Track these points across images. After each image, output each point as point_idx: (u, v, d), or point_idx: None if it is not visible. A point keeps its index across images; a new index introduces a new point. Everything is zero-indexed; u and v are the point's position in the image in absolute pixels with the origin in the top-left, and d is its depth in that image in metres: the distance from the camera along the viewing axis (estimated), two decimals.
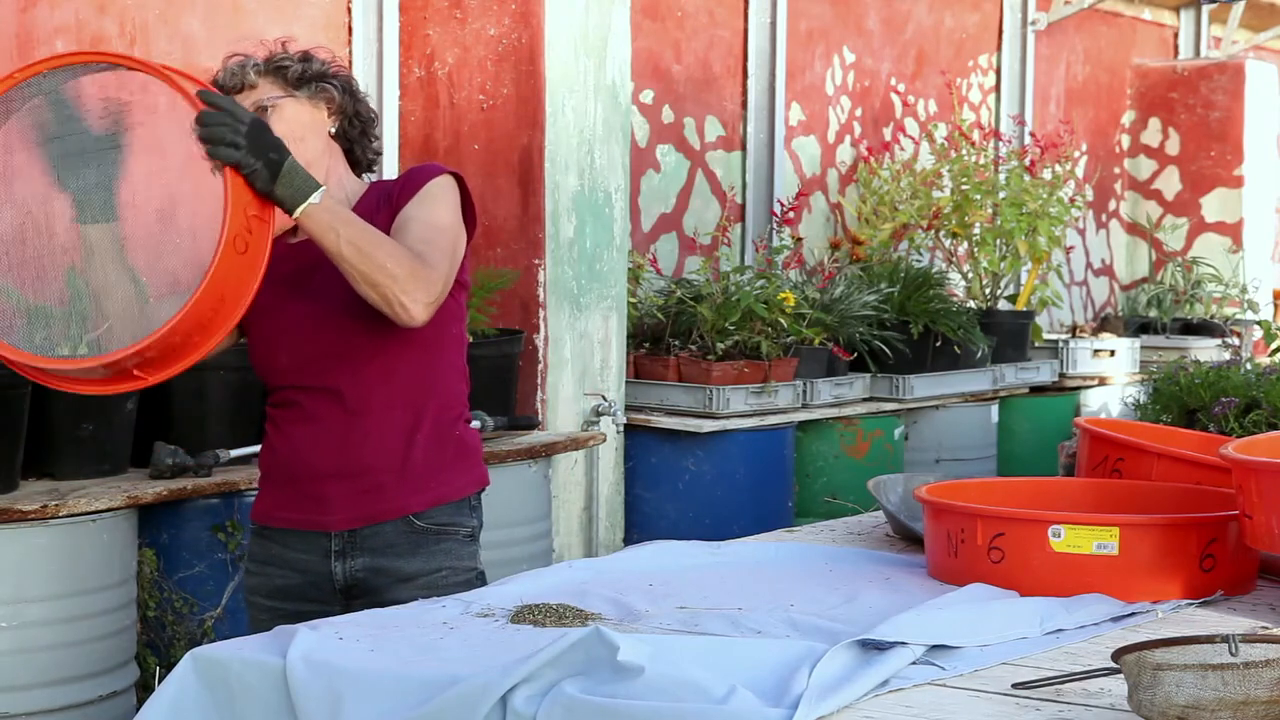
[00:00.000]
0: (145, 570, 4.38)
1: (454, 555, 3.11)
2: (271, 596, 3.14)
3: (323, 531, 3.09)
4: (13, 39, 4.78)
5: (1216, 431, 4.34)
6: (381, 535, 3.08)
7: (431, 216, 3.00)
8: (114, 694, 4.19)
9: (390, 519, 3.07)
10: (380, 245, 2.86)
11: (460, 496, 3.14)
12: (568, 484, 5.79)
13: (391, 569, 3.07)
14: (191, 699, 2.48)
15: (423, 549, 3.08)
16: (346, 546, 3.08)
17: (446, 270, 2.95)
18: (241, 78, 3.06)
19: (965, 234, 7.72)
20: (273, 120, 2.98)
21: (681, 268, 7.11)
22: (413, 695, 2.30)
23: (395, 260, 2.85)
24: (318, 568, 3.10)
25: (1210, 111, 10.07)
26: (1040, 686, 2.29)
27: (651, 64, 7.02)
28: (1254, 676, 2.02)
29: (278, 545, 3.14)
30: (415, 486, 3.08)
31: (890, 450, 6.59)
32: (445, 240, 2.98)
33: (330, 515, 3.08)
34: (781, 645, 2.40)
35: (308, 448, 3.08)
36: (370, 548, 3.08)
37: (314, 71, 3.10)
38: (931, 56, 8.65)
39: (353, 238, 2.84)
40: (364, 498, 3.06)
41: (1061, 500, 3.18)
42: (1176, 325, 9.38)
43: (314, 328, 3.05)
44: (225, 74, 3.09)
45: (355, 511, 3.07)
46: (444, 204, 3.04)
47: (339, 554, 3.08)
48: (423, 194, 3.04)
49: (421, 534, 3.09)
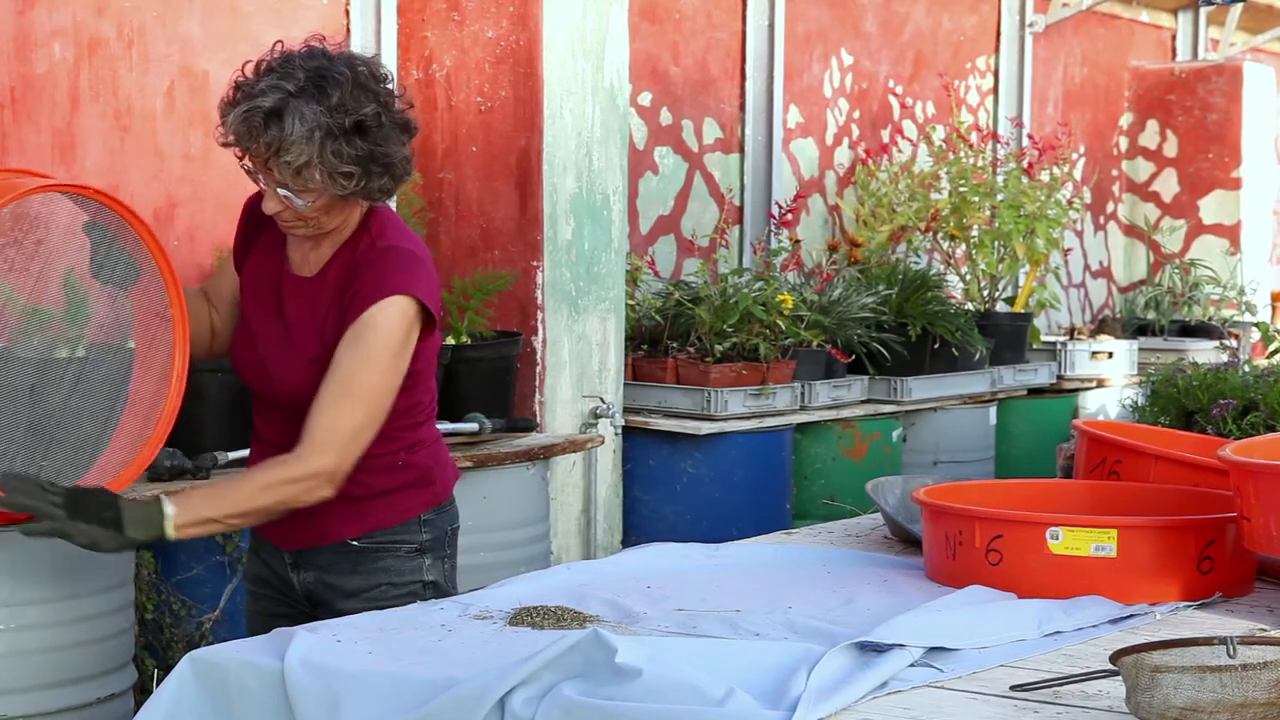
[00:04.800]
0: (143, 573, 4.38)
1: (394, 571, 3.12)
2: (257, 583, 3.27)
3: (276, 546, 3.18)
4: (10, 41, 4.78)
5: (1214, 433, 4.33)
6: (322, 555, 3.13)
7: (353, 369, 2.93)
8: (112, 696, 4.19)
9: (327, 543, 3.11)
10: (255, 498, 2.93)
11: (401, 521, 3.13)
12: (566, 486, 5.79)
13: (336, 584, 3.12)
14: (190, 701, 2.48)
15: (361, 567, 3.11)
16: (298, 559, 3.16)
17: (353, 432, 2.93)
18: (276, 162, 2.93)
19: (963, 236, 7.72)
20: (288, 201, 2.95)
21: (679, 270, 7.11)
22: (411, 697, 2.30)
23: (273, 496, 2.93)
24: (282, 572, 3.19)
25: (1208, 113, 10.07)
26: (1039, 688, 2.29)
27: (649, 66, 7.02)
28: (1252, 678, 2.03)
29: (257, 542, 3.26)
30: (352, 515, 3.09)
31: (888, 452, 6.59)
32: (359, 398, 2.93)
33: (278, 534, 3.15)
34: (780, 647, 2.40)
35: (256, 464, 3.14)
36: (315, 565, 3.14)
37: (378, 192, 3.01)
38: (929, 59, 8.65)
39: (228, 517, 2.94)
40: (302, 523, 3.07)
41: (1060, 502, 3.18)
42: (1174, 327, 9.38)
43: (279, 352, 3.08)
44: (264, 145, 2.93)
45: (295, 535, 3.12)
46: (377, 347, 2.94)
47: (293, 566, 3.16)
48: (361, 331, 2.94)
49: (359, 553, 3.11)
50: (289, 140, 2.87)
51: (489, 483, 4.93)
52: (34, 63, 4.83)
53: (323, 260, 3.07)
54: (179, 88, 5.22)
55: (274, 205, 2.97)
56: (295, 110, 2.88)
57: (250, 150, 2.93)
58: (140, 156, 5.12)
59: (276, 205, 2.96)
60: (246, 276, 3.16)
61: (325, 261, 3.06)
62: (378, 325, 2.94)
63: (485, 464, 4.90)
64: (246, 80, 2.95)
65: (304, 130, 2.87)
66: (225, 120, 2.95)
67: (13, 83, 4.79)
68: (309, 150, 2.88)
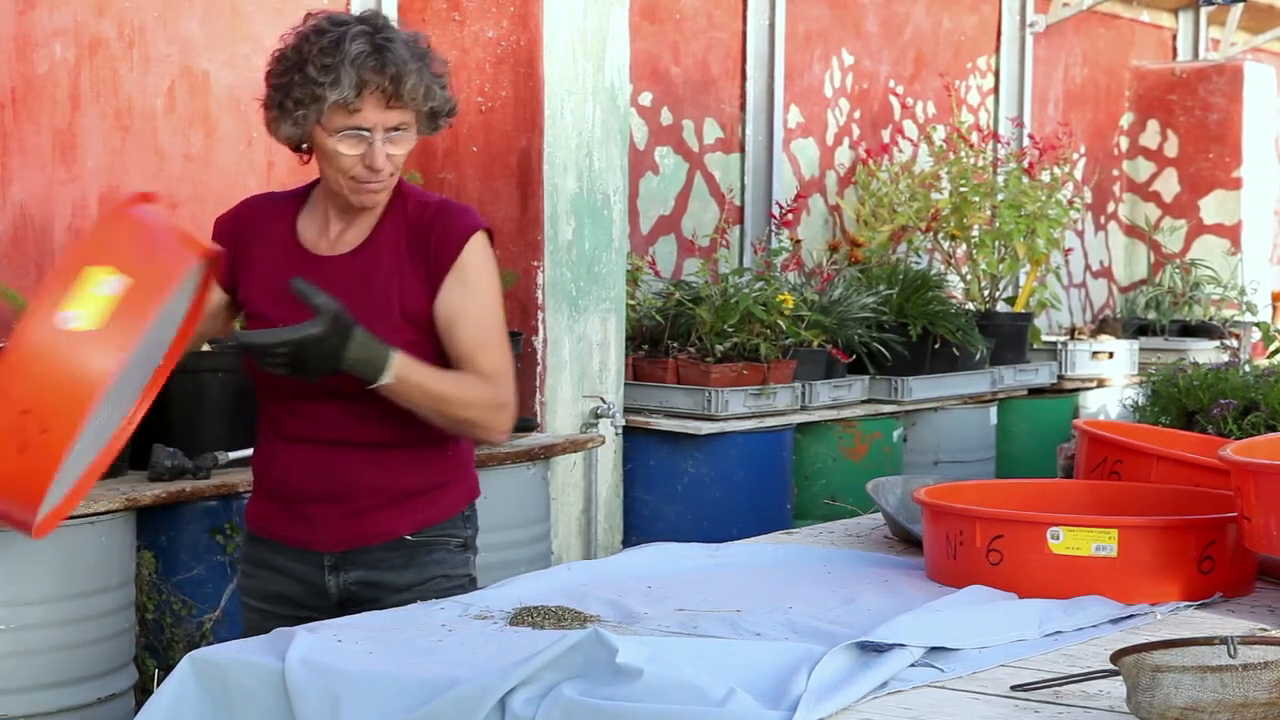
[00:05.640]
0: (144, 573, 4.38)
1: (446, 564, 3.11)
2: (266, 600, 3.13)
3: (313, 550, 3.08)
4: (11, 41, 4.78)
5: (1215, 433, 4.33)
6: (372, 553, 3.07)
7: (482, 312, 3.02)
8: (113, 696, 4.19)
9: (380, 541, 3.07)
10: (454, 397, 2.94)
11: (449, 516, 3.12)
12: (566, 486, 5.79)
13: (385, 582, 3.06)
14: (190, 701, 2.48)
15: (414, 562, 3.08)
16: (339, 562, 3.07)
17: (509, 369, 3.03)
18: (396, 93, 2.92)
19: (964, 236, 7.72)
20: (397, 141, 2.95)
21: (680, 270, 7.11)
22: (411, 697, 2.30)
23: (470, 406, 2.96)
24: (312, 578, 3.09)
25: (1209, 113, 10.07)
26: (1039, 688, 2.29)
27: (650, 66, 7.02)
28: (1252, 678, 2.03)
29: (271, 553, 3.13)
30: (406, 510, 3.07)
31: (889, 452, 6.59)
32: (499, 338, 3.03)
33: (318, 536, 3.07)
34: (780, 647, 2.40)
35: (296, 468, 3.06)
36: (362, 563, 3.07)
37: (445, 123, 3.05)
38: (930, 59, 8.65)
39: (438, 399, 2.92)
40: (351, 521, 3.05)
41: (1060, 502, 3.18)
42: (1175, 327, 9.38)
43: None
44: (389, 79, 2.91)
45: (342, 534, 3.06)
46: (488, 285, 3.05)
47: (332, 568, 3.08)
48: (466, 273, 3.01)
49: (413, 548, 3.08)
50: (406, 68, 2.90)
51: (490, 483, 4.88)
52: (35, 63, 4.84)
53: (363, 234, 3.04)
54: (179, 88, 5.22)
55: (382, 159, 2.93)
56: (390, 41, 2.91)
57: (378, 89, 2.88)
58: (140, 156, 5.12)
59: (383, 160, 2.93)
60: (253, 283, 3.08)
61: (368, 233, 3.04)
62: (476, 263, 3.02)
63: (486, 464, 4.89)
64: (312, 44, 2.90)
65: (407, 54, 2.91)
66: (326, 83, 2.87)
67: (13, 83, 4.79)
68: (417, 70, 2.92)
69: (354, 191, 2.98)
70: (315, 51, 2.89)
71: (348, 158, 2.93)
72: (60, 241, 4.90)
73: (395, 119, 2.92)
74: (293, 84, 2.91)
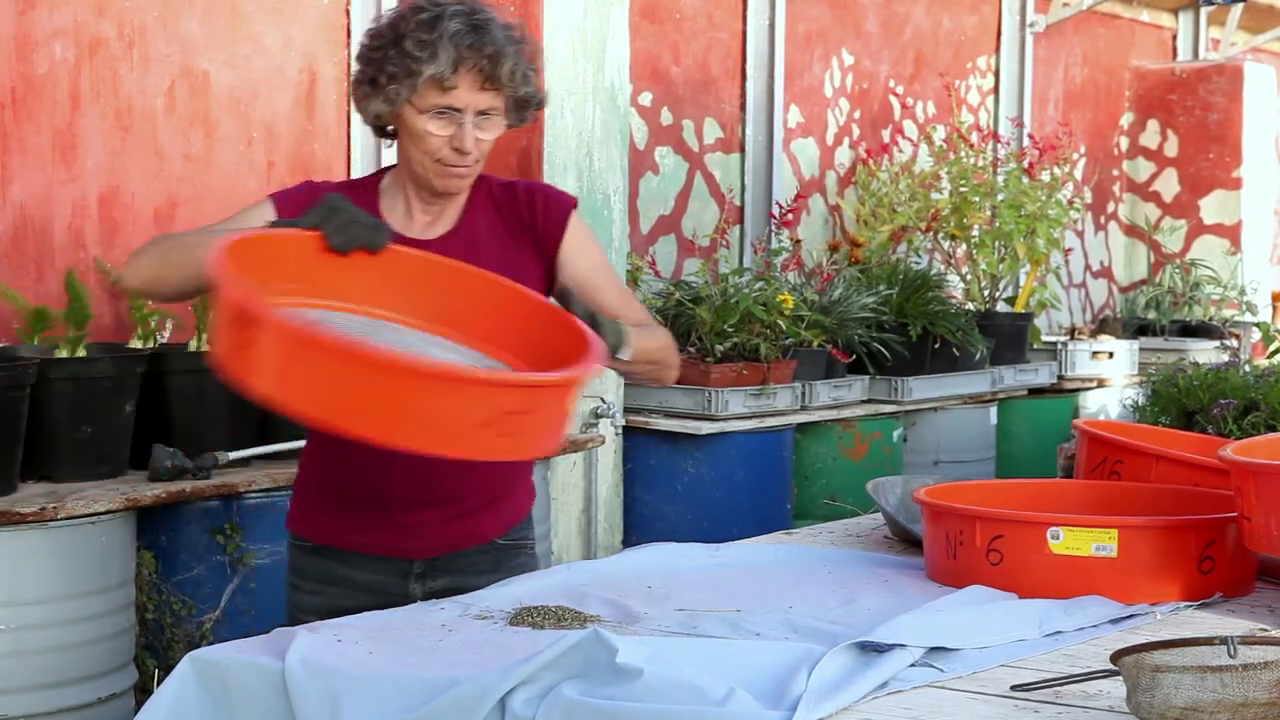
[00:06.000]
0: (144, 573, 4.38)
1: (527, 567, 3.11)
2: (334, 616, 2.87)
3: (403, 558, 3.02)
4: (11, 41, 4.78)
5: (1215, 433, 4.33)
6: (466, 556, 3.05)
7: (609, 270, 3.08)
8: (113, 696, 4.19)
9: (477, 544, 3.05)
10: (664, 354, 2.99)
11: (527, 513, 3.14)
12: (566, 486, 5.78)
13: (471, 586, 2.99)
14: (190, 701, 2.48)
15: (502, 565, 3.07)
16: (428, 569, 3.03)
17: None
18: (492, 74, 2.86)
19: (964, 236, 7.72)
20: (485, 126, 2.90)
21: (680, 270, 7.11)
22: (411, 697, 2.30)
23: (669, 348, 3.01)
24: (393, 589, 3.01)
25: (1209, 113, 10.07)
26: (1039, 688, 2.29)
27: (650, 66, 7.02)
28: (1252, 679, 2.02)
29: (344, 566, 3.03)
30: (496, 513, 3.07)
31: (889, 452, 6.59)
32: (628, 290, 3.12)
33: (417, 543, 3.01)
34: (780, 647, 2.40)
35: (397, 473, 2.94)
36: (453, 569, 3.04)
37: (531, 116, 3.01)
38: (930, 59, 8.65)
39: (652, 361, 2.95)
40: (452, 525, 3.01)
41: (1060, 502, 3.18)
42: (1175, 327, 9.38)
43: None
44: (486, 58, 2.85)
45: (442, 539, 3.02)
46: (599, 247, 3.12)
47: (419, 576, 3.03)
48: (582, 241, 3.05)
49: (501, 551, 3.08)
50: (504, 50, 2.86)
51: None
52: (35, 63, 4.84)
53: (453, 219, 3.01)
54: (179, 88, 5.22)
55: (471, 142, 2.88)
56: (487, 21, 2.87)
57: (475, 68, 2.83)
58: (141, 156, 5.12)
59: (472, 143, 2.88)
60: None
61: (459, 215, 3.01)
62: (583, 230, 3.07)
63: None
64: (409, 20, 2.85)
65: (503, 37, 2.87)
66: (423, 58, 2.82)
67: (13, 83, 4.79)
68: (514, 54, 2.88)
69: (438, 175, 2.92)
70: (412, 27, 2.83)
71: (436, 138, 2.88)
72: (60, 241, 4.90)
73: (487, 102, 2.87)
74: (387, 59, 2.85)
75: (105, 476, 4.40)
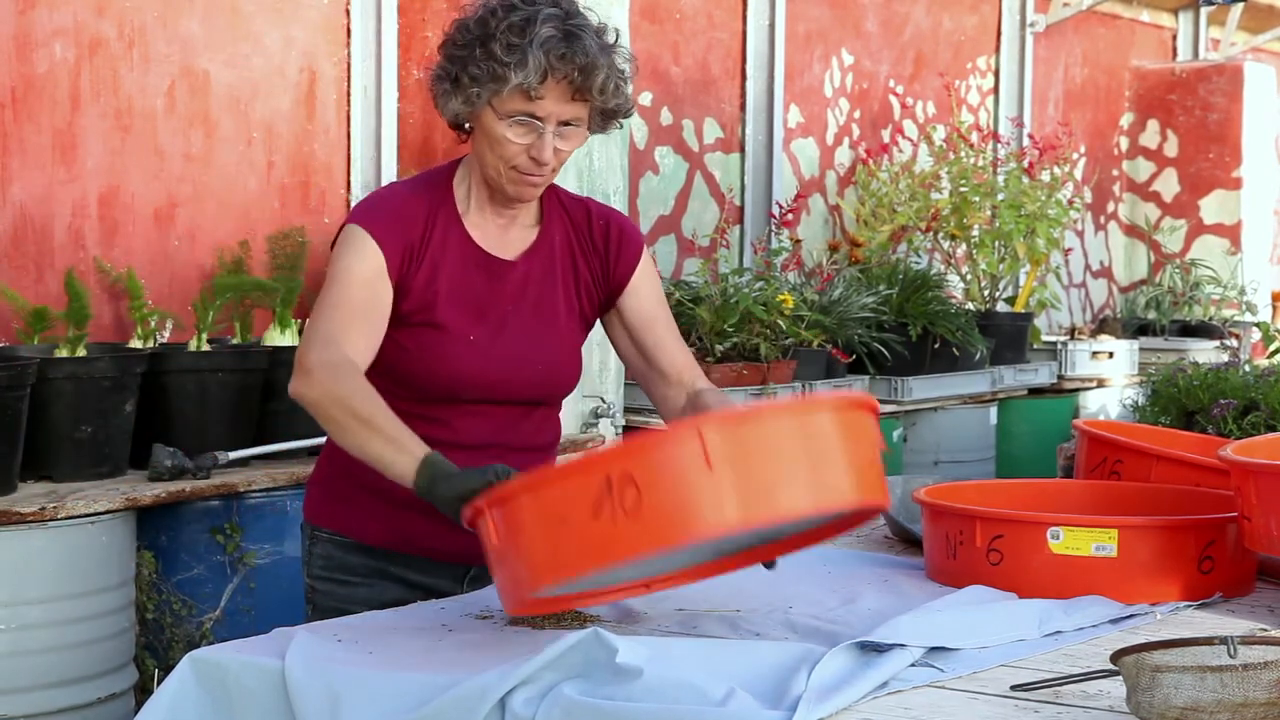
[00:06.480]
0: (144, 572, 4.38)
1: None
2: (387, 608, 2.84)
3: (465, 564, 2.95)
4: (11, 41, 4.78)
5: (1215, 433, 4.33)
6: None
7: (665, 305, 3.07)
8: (112, 696, 4.19)
9: None
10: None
11: None
12: None
13: None
14: (190, 701, 2.48)
15: None
16: (481, 573, 2.92)
17: None
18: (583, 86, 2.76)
19: (964, 236, 7.72)
20: (567, 136, 2.81)
21: (680, 270, 7.11)
22: (411, 697, 2.30)
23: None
24: (445, 590, 2.95)
25: (1209, 113, 10.07)
26: (1039, 688, 2.29)
27: (650, 66, 7.02)
28: (1252, 678, 2.02)
29: (398, 566, 2.96)
30: None
31: (889, 452, 6.57)
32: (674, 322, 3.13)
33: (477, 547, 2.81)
34: (780, 647, 2.39)
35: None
36: None
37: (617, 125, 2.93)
38: (930, 58, 8.65)
39: None
40: None
41: (1060, 502, 3.17)
42: (1175, 327, 9.38)
43: (538, 343, 2.90)
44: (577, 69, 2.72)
45: None
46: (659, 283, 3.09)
47: (473, 580, 2.97)
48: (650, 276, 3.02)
49: None
50: (596, 61, 2.73)
51: None
52: (35, 63, 4.84)
53: (530, 233, 2.94)
54: (179, 88, 5.22)
55: (549, 153, 2.78)
56: (581, 29, 2.74)
57: (565, 79, 2.71)
58: (141, 156, 5.12)
59: (550, 154, 2.79)
60: (434, 287, 2.85)
61: (535, 233, 2.94)
62: (651, 267, 3.03)
63: None
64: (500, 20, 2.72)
65: (596, 46, 2.75)
66: (511, 64, 2.69)
67: (13, 83, 4.79)
68: (606, 65, 2.75)
69: (512, 182, 2.83)
70: (503, 28, 2.70)
71: (514, 145, 2.78)
72: (60, 241, 4.91)
73: (572, 112, 2.77)
74: (473, 59, 2.73)
75: (105, 476, 4.40)
